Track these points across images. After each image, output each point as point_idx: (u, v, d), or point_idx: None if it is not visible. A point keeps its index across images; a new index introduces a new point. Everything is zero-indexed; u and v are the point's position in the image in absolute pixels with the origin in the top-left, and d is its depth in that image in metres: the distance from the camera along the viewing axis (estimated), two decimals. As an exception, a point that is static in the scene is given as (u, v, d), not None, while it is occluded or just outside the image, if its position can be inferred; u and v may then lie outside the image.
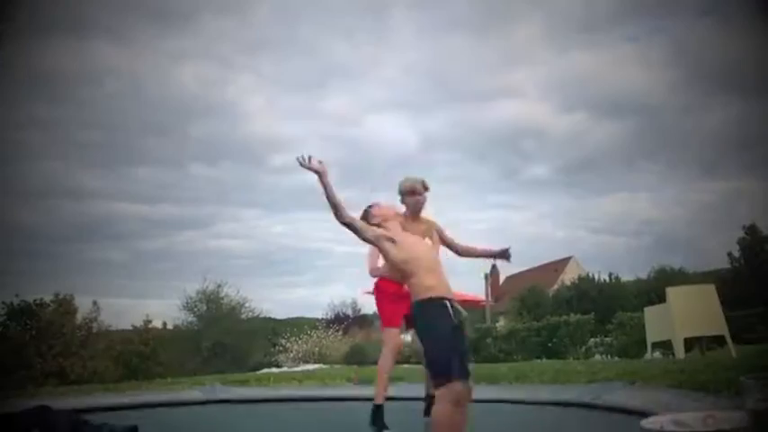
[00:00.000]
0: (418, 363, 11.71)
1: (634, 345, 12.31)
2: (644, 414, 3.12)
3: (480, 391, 4.89)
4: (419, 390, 4.80)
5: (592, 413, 3.35)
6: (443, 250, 4.09)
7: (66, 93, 31.20)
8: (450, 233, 4.15)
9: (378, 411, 3.95)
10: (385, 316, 4.00)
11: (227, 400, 4.85)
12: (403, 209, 4.01)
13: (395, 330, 3.97)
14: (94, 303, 16.30)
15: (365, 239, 2.84)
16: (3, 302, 14.69)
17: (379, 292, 4.03)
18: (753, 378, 1.65)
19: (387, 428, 3.86)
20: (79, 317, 15.87)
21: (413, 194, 3.99)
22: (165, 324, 21.02)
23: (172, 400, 4.87)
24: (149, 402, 4.70)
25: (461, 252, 4.12)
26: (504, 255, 3.96)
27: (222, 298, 18.05)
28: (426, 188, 4.04)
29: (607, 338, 14.27)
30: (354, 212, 2.92)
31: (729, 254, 27.37)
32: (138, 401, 4.74)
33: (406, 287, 3.28)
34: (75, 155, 37.12)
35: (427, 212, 4.13)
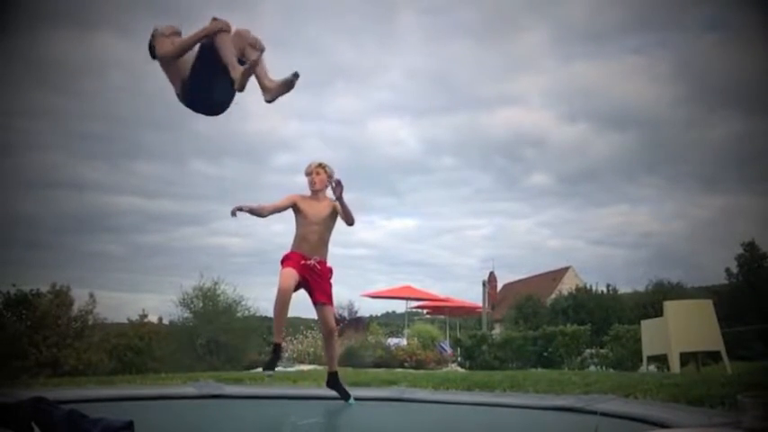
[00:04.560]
0: (416, 367, 11.69)
1: (629, 357, 12.32)
2: (637, 421, 3.12)
3: (474, 397, 4.88)
4: (412, 393, 4.79)
5: (585, 418, 3.34)
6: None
7: (69, 83, 31.17)
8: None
9: (273, 350, 4.25)
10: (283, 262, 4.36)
11: (220, 395, 4.85)
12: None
13: (285, 270, 4.28)
14: (91, 296, 16.24)
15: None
16: (-1, 291, 14.66)
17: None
18: (750, 396, 1.65)
19: (272, 371, 3.97)
20: (75, 309, 15.82)
21: (307, 174, 4.68)
22: (160, 319, 20.96)
23: (166, 394, 4.86)
24: (142, 396, 4.70)
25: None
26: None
27: (219, 295, 17.97)
28: (327, 173, 4.60)
29: (603, 350, 14.28)
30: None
31: (727, 270, 27.39)
32: (131, 394, 4.73)
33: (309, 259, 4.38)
34: (76, 146, 37.13)
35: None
